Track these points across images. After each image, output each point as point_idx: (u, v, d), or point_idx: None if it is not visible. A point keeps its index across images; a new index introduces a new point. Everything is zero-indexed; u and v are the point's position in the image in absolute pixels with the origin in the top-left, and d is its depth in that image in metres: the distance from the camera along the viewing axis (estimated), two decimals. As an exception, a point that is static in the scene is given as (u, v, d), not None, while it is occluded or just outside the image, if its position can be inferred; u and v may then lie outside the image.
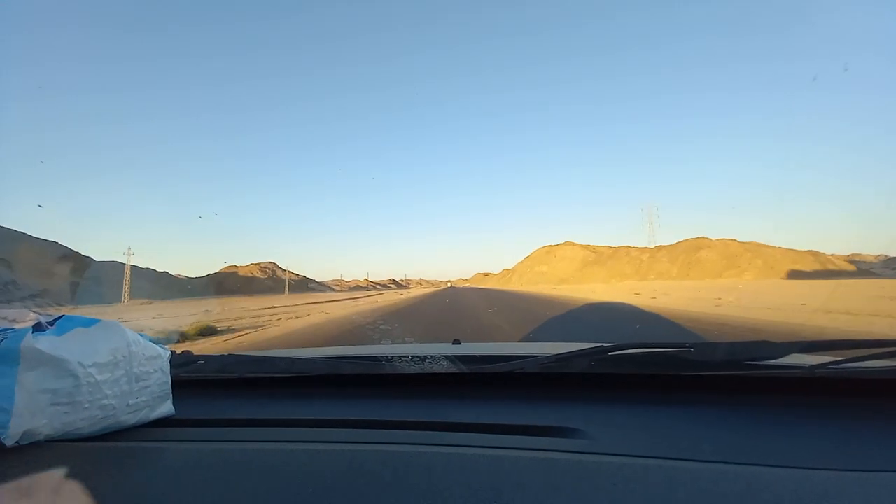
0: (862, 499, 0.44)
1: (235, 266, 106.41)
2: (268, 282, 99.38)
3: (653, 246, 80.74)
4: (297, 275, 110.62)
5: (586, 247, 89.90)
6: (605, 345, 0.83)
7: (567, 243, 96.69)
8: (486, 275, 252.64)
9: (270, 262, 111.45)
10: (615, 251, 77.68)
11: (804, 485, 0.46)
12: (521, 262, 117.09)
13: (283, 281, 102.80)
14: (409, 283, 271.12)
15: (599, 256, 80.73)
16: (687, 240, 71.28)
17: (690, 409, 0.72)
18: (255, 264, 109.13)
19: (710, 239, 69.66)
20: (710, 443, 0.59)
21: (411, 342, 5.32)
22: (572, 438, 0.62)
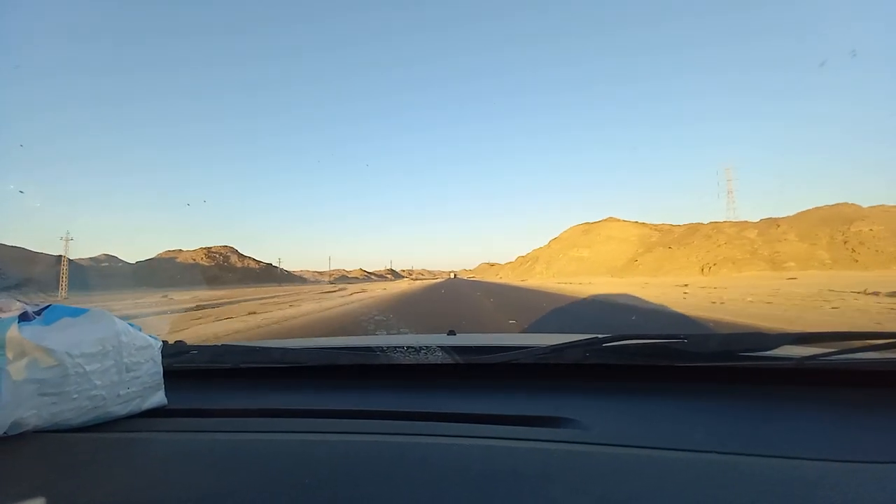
0: (852, 489, 0.44)
1: (179, 250, 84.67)
2: (213, 269, 76.22)
3: (730, 220, 56.20)
4: (258, 262, 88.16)
5: (642, 224, 62.84)
6: (599, 336, 0.84)
7: (610, 220, 68.49)
8: (492, 265, 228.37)
9: (225, 247, 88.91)
10: (692, 228, 53.39)
11: (795, 475, 0.47)
12: (547, 245, 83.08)
13: (240, 269, 78.97)
14: (410, 274, 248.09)
15: (665, 235, 56.34)
16: (819, 208, 46.35)
17: (684, 400, 0.73)
18: (204, 248, 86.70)
19: (860, 206, 44.75)
20: (703, 433, 0.59)
21: (407, 333, 5.57)
22: (567, 428, 0.62)
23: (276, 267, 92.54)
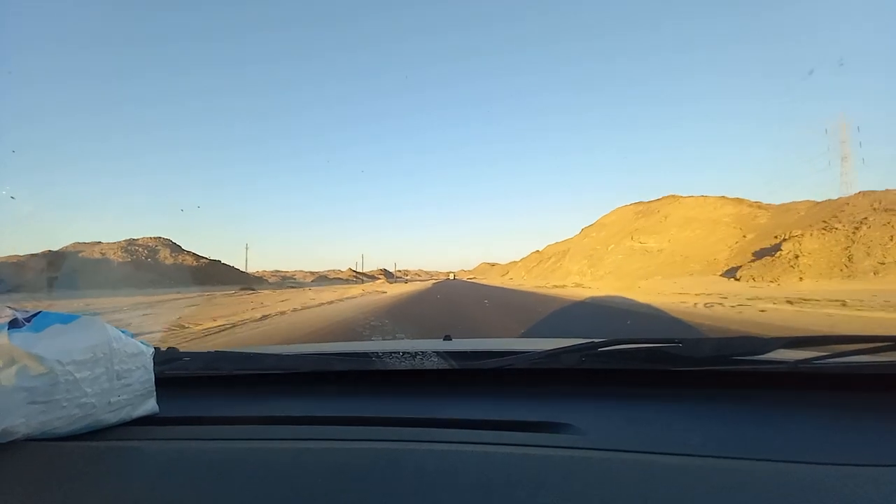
0: (847, 492, 0.44)
1: (97, 242, 65.81)
2: (126, 267, 56.33)
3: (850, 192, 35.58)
4: (199, 258, 69.20)
5: (738, 200, 40.09)
6: (595, 340, 0.84)
7: (673, 198, 45.71)
8: (492, 265, 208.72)
9: (155, 238, 69.66)
10: (831, 205, 34.11)
11: (790, 478, 0.47)
12: (581, 234, 59.31)
13: (168, 267, 59.00)
14: (406, 274, 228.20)
15: (783, 215, 38.07)
16: None
17: (679, 404, 0.73)
18: (127, 240, 67.65)
19: None
20: (699, 437, 0.59)
21: (402, 338, 5.37)
22: (563, 434, 0.62)
23: (224, 265, 72.67)
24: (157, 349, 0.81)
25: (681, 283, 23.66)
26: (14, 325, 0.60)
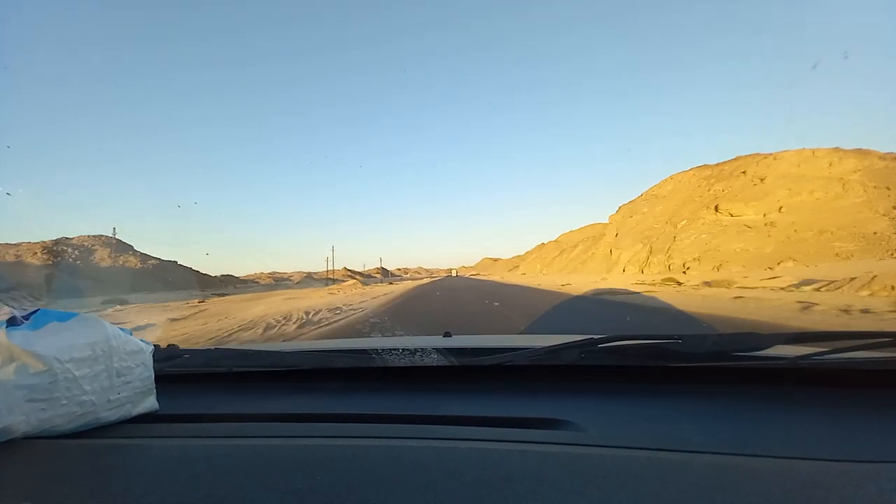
0: (847, 488, 0.44)
1: (26, 243, 54.65)
2: (44, 271, 44.36)
3: None
4: (147, 259, 57.58)
5: (862, 152, 25.58)
6: (595, 337, 0.84)
7: (758, 156, 29.45)
8: (495, 260, 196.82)
9: (95, 237, 58.10)
10: None
11: (791, 475, 0.47)
12: (618, 214, 39.61)
13: (103, 270, 46.98)
14: (406, 273, 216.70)
15: None
16: None
17: (679, 401, 0.73)
18: (54, 240, 56.18)
19: None
20: (699, 434, 0.59)
21: (402, 335, 5.30)
22: (563, 430, 0.62)
23: (181, 266, 60.46)
24: (156, 346, 0.81)
25: None
26: (12, 322, 0.60)
